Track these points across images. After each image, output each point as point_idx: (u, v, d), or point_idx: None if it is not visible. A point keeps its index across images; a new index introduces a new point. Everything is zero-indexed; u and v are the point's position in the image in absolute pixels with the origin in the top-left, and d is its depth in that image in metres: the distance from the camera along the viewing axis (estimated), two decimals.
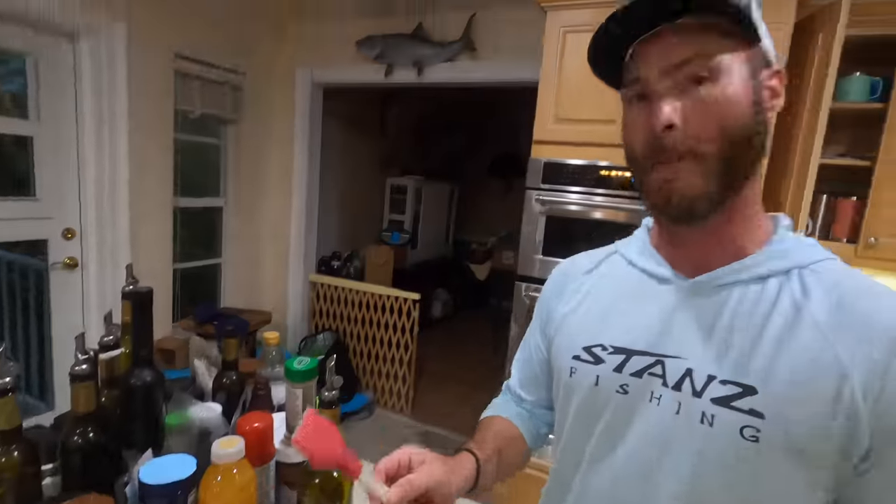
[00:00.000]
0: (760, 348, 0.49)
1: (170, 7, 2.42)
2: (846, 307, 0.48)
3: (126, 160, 2.29)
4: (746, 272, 0.52)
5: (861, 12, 1.53)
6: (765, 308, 0.50)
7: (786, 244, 0.53)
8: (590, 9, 1.70)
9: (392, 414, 3.15)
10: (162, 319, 2.56)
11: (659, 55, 0.50)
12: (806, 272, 0.51)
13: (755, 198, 0.54)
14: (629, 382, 0.56)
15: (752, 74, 0.50)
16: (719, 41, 0.49)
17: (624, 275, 0.63)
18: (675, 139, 0.49)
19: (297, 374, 0.77)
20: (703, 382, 0.51)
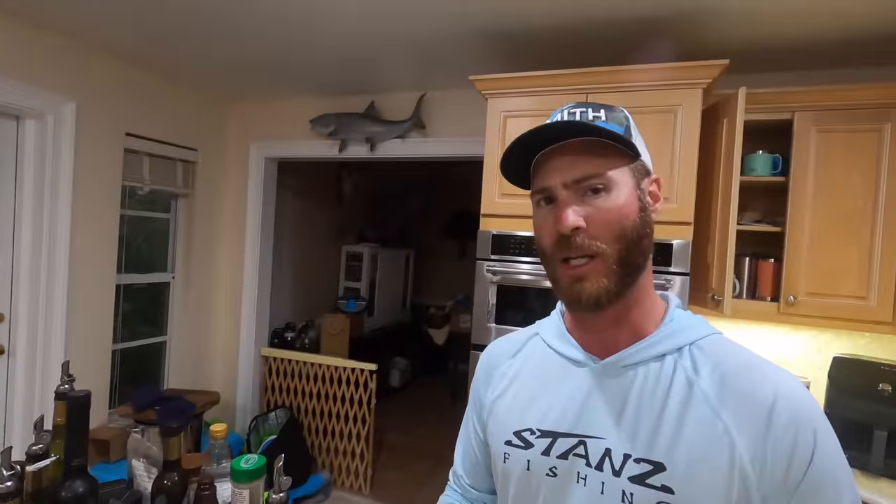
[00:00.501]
0: (664, 426, 0.55)
1: (121, 88, 2.46)
2: (728, 384, 0.55)
3: (67, 239, 2.22)
4: (646, 352, 0.59)
5: (754, 101, 1.76)
6: (664, 385, 0.57)
7: (676, 323, 0.61)
8: (526, 97, 1.87)
9: (350, 495, 2.97)
10: (97, 406, 2.38)
11: (560, 170, 0.58)
12: (695, 348, 0.59)
13: (648, 285, 0.62)
14: (557, 465, 0.60)
15: (637, 184, 0.60)
16: (610, 158, 0.58)
17: (544, 358, 0.68)
18: (581, 240, 0.56)
19: (244, 473, 0.74)
20: (620, 462, 0.56)
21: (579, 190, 0.57)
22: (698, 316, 0.63)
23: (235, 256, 3.18)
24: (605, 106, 0.61)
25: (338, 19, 1.89)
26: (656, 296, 0.64)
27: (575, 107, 0.61)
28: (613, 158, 0.58)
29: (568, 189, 0.58)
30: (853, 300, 1.72)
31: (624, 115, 0.62)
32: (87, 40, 2.23)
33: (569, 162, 0.58)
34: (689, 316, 0.63)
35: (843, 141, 1.74)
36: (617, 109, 0.62)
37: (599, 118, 0.59)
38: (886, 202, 1.69)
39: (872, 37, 1.76)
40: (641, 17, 1.73)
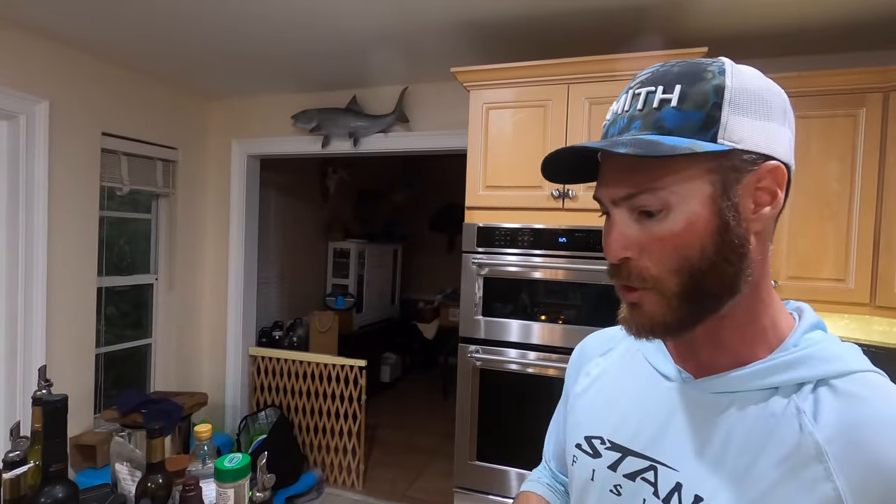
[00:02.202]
0: (753, 476, 0.44)
1: (96, 86, 2.40)
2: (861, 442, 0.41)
3: (44, 241, 2.17)
4: (750, 382, 0.47)
5: None
6: (766, 428, 0.45)
7: (802, 350, 0.47)
8: (508, 88, 1.87)
9: (343, 492, 2.97)
10: (82, 411, 2.35)
11: (609, 181, 0.48)
12: (824, 388, 0.45)
13: (753, 307, 0.49)
14: (622, 484, 0.53)
15: (722, 192, 0.45)
16: (674, 166, 0.44)
17: (634, 362, 0.60)
18: (631, 269, 0.47)
19: (228, 473, 0.74)
20: (690, 502, 0.47)
21: (631, 209, 0.47)
22: (848, 345, 0.48)
23: (220, 256, 3.14)
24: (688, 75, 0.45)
25: (318, 14, 1.87)
26: (780, 313, 0.50)
27: (643, 84, 0.47)
28: (680, 165, 0.44)
29: (618, 206, 0.48)
30: (832, 283, 1.76)
31: (714, 86, 0.44)
32: (58, 38, 2.18)
33: (619, 171, 0.47)
34: (827, 343, 0.47)
35: (820, 126, 1.77)
36: (703, 80, 0.44)
37: (668, 102, 0.45)
38: (863, 186, 1.72)
39: (849, 23, 1.78)
40: (621, 5, 1.73)
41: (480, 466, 1.92)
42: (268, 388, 3.12)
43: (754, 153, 0.45)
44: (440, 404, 4.42)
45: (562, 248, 1.80)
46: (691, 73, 0.45)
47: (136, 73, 2.60)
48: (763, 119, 0.45)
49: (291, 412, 3.08)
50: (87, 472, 2.21)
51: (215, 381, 3.16)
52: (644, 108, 0.46)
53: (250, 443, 2.81)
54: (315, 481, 2.88)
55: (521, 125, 1.85)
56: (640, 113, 0.46)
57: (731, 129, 0.44)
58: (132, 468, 0.98)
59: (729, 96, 0.44)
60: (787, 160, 0.46)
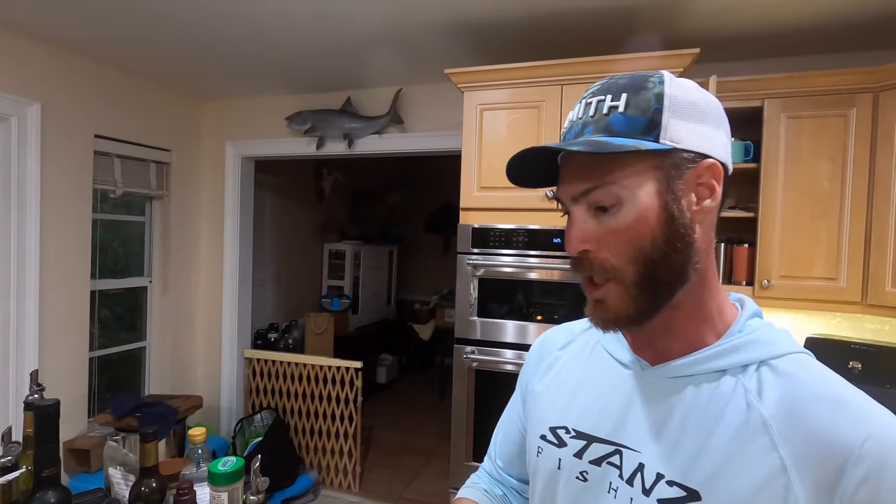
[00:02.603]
0: (707, 451, 0.48)
1: (88, 88, 2.39)
2: (799, 414, 0.46)
3: (37, 244, 2.16)
4: (700, 365, 0.51)
5: (725, 89, 1.79)
6: (717, 406, 0.49)
7: (746, 335, 0.52)
8: (502, 89, 1.87)
9: (339, 494, 2.96)
10: (76, 415, 2.33)
11: (567, 180, 0.53)
12: (765, 368, 0.50)
13: (701, 295, 0.53)
14: (589, 470, 0.56)
15: (666, 187, 0.49)
16: (623, 164, 0.49)
17: (594, 354, 0.63)
18: (592, 261, 0.51)
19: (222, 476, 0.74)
20: (652, 480, 0.51)
21: (588, 204, 0.51)
22: (782, 329, 0.53)
23: (214, 258, 3.13)
24: (632, 85, 0.50)
25: (312, 16, 1.87)
26: (725, 302, 0.55)
27: (594, 94, 0.52)
28: (631, 162, 0.49)
29: (577, 203, 0.52)
30: (824, 281, 1.77)
31: (654, 94, 0.49)
32: (50, 40, 2.16)
33: (575, 171, 0.52)
34: (766, 328, 0.53)
35: (812, 126, 1.78)
36: (646, 88, 0.50)
37: (616, 109, 0.50)
38: (853, 185, 1.74)
39: (839, 24, 1.80)
40: (615, 7, 1.74)
41: (476, 467, 1.92)
42: (263, 390, 3.11)
43: (693, 152, 0.50)
44: (436, 405, 4.42)
45: (556, 248, 1.81)
46: (635, 83, 0.51)
47: (129, 75, 2.59)
48: (699, 123, 0.50)
49: (287, 414, 3.07)
50: (81, 476, 2.20)
51: (210, 383, 3.15)
52: (595, 114, 0.51)
53: (246, 445, 2.80)
54: (311, 483, 2.87)
55: (516, 126, 1.86)
56: (592, 119, 0.51)
57: (672, 130, 0.49)
58: (126, 472, 0.98)
59: (668, 103, 0.49)
60: (723, 159, 0.51)
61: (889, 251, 1.66)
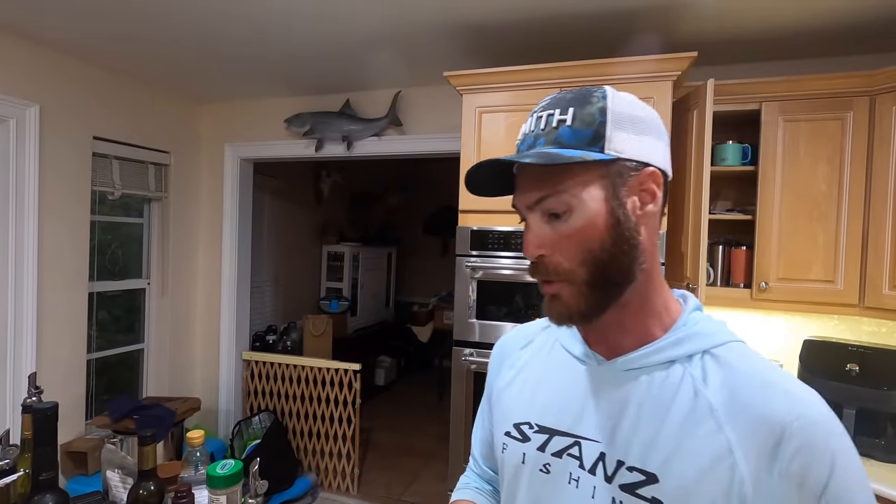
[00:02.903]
0: (662, 436, 0.52)
1: (87, 90, 2.39)
2: (739, 398, 0.50)
3: (35, 246, 2.16)
4: (651, 358, 0.56)
5: (723, 92, 1.80)
6: (668, 394, 0.54)
7: (690, 328, 0.56)
8: (500, 92, 1.88)
9: (338, 496, 2.96)
10: (73, 418, 2.33)
11: (523, 189, 0.57)
12: (708, 357, 0.54)
13: (647, 293, 0.57)
14: (551, 462, 0.59)
15: (613, 194, 0.53)
16: (571, 173, 0.53)
17: (552, 351, 0.67)
18: (547, 264, 0.55)
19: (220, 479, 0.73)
20: (613, 468, 0.54)
21: (541, 212, 0.55)
22: (719, 321, 0.58)
23: (213, 260, 3.12)
24: (578, 100, 0.55)
25: (311, 18, 1.87)
26: (670, 298, 0.60)
27: (544, 108, 0.56)
28: (576, 172, 0.53)
29: (532, 211, 0.56)
30: (821, 284, 1.78)
31: (598, 108, 0.54)
32: (48, 43, 2.16)
33: (529, 181, 0.56)
34: (705, 321, 0.58)
35: (809, 129, 1.79)
36: (590, 103, 0.54)
37: (565, 122, 0.54)
38: (850, 188, 1.74)
39: (837, 27, 1.80)
40: (614, 9, 1.74)
41: None
42: (261, 392, 3.10)
43: (635, 161, 0.54)
44: (435, 407, 4.41)
45: None
46: (581, 98, 0.55)
47: (128, 77, 2.59)
48: (640, 134, 0.55)
49: (285, 416, 3.06)
50: (78, 479, 2.19)
51: (208, 385, 3.14)
52: (546, 127, 0.55)
53: (244, 448, 2.80)
54: (310, 486, 2.87)
55: (514, 129, 1.86)
56: (543, 132, 0.55)
57: (615, 141, 0.53)
58: (124, 475, 0.98)
59: (611, 116, 0.54)
60: (663, 167, 0.56)
61: (886, 254, 1.66)
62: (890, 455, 1.51)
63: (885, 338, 1.91)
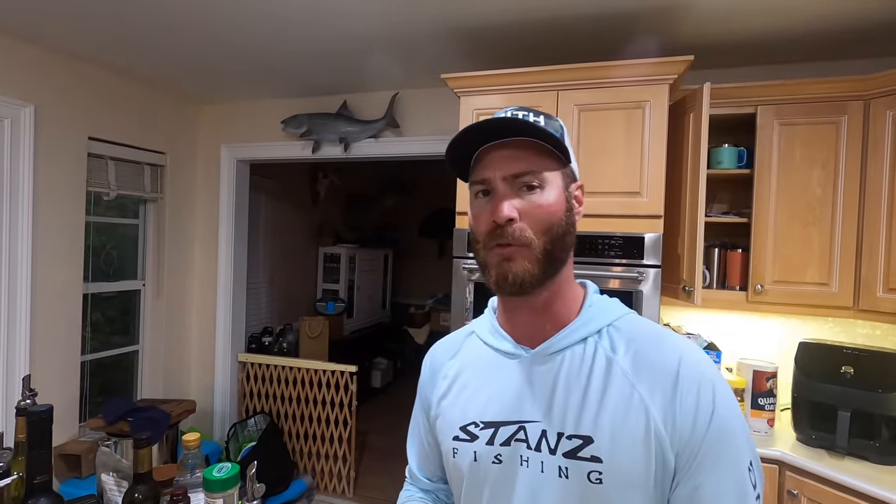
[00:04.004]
0: (588, 402, 0.61)
1: (82, 91, 2.38)
2: (641, 357, 0.62)
3: (28, 248, 2.14)
4: (569, 338, 0.65)
5: (719, 95, 1.81)
6: (587, 366, 0.63)
7: (594, 308, 0.67)
8: (498, 94, 1.88)
9: (333, 499, 2.95)
10: (67, 420, 2.31)
11: (501, 164, 0.63)
12: (612, 329, 0.65)
13: (569, 277, 0.68)
14: (501, 452, 0.64)
15: (566, 187, 0.65)
16: (545, 160, 0.63)
17: (481, 354, 0.72)
18: (513, 230, 0.61)
19: (217, 483, 0.73)
20: (555, 441, 0.61)
21: (516, 185, 0.62)
22: (613, 299, 0.69)
23: (209, 261, 3.11)
24: (545, 114, 0.66)
25: (309, 20, 1.87)
26: (576, 285, 0.70)
27: (518, 109, 0.65)
28: (548, 160, 0.63)
29: (506, 183, 0.62)
30: (816, 287, 1.79)
31: (560, 124, 0.67)
32: (43, 43, 2.15)
33: (509, 157, 0.63)
34: (605, 300, 0.69)
35: (804, 133, 1.80)
36: (554, 119, 0.67)
37: (539, 123, 0.63)
38: (845, 191, 1.75)
39: (833, 32, 1.82)
40: (612, 13, 1.75)
41: None
42: (257, 394, 3.09)
43: (574, 172, 0.68)
44: None
45: None
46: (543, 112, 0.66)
47: (124, 78, 2.58)
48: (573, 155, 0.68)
49: (281, 419, 3.05)
50: (72, 482, 2.17)
51: (204, 387, 3.12)
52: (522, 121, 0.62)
53: (239, 450, 2.78)
54: (305, 488, 2.86)
55: None
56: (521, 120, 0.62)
57: (569, 151, 0.65)
58: (119, 478, 0.97)
59: (566, 133, 0.67)
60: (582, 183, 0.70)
61: (880, 257, 1.67)
62: (884, 457, 1.51)
63: (879, 340, 1.92)
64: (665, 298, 1.88)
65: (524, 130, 0.62)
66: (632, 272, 1.69)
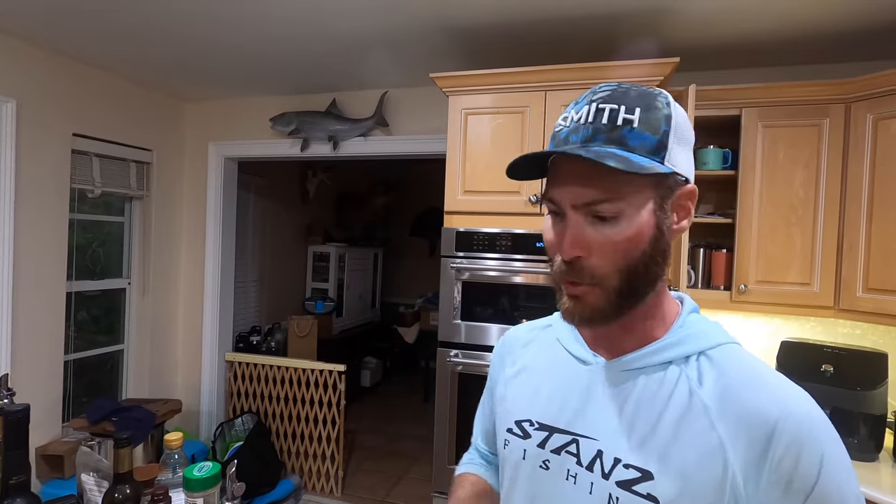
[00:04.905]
0: (657, 434, 0.53)
1: (66, 86, 2.35)
2: (730, 396, 0.52)
3: (10, 245, 2.11)
4: (650, 358, 0.57)
5: (704, 97, 1.83)
6: (665, 393, 0.55)
7: (686, 330, 0.58)
8: (486, 94, 1.89)
9: (321, 498, 2.93)
10: (49, 420, 2.27)
11: (571, 185, 0.53)
12: (703, 358, 0.56)
13: (659, 298, 0.59)
14: (550, 459, 0.60)
15: (660, 205, 0.54)
16: (627, 182, 0.51)
17: (553, 351, 0.67)
18: (580, 266, 0.54)
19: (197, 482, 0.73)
20: (610, 465, 0.55)
21: (588, 213, 0.53)
22: (715, 323, 0.60)
23: (196, 260, 3.08)
24: (644, 99, 0.53)
25: (298, 18, 1.86)
26: (670, 300, 0.61)
27: (606, 100, 0.53)
28: (634, 180, 0.51)
29: (577, 210, 0.53)
30: (798, 287, 1.81)
31: (664, 115, 0.52)
32: (25, 37, 2.12)
33: (581, 178, 0.52)
34: (702, 322, 0.59)
35: (787, 135, 1.83)
36: (656, 108, 0.52)
37: (631, 123, 0.51)
38: (826, 193, 1.78)
39: (816, 36, 1.84)
40: (598, 14, 1.76)
41: None
42: (245, 394, 3.07)
43: (683, 177, 0.55)
44: (421, 409, 4.40)
45: (540, 252, 1.82)
46: (646, 100, 0.53)
47: (109, 74, 2.55)
48: (687, 148, 0.56)
49: (269, 418, 3.03)
50: (54, 482, 2.15)
51: (190, 387, 3.10)
52: (608, 123, 0.52)
53: (226, 450, 2.76)
54: (293, 488, 2.84)
55: (500, 131, 1.87)
56: (605, 127, 0.52)
57: (673, 154, 0.53)
58: (99, 479, 0.96)
59: (674, 126, 0.53)
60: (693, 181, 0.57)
61: (860, 257, 1.70)
62: (863, 453, 1.54)
63: (859, 339, 1.95)
64: None
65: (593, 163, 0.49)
66: None
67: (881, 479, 1.43)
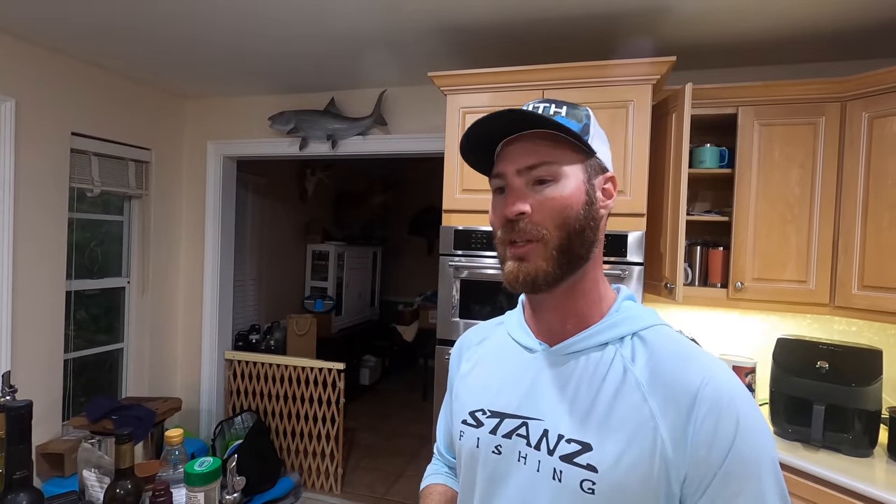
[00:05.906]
0: (596, 409, 0.58)
1: (65, 85, 2.35)
2: (660, 371, 0.58)
3: (9, 244, 2.11)
4: (588, 341, 0.62)
5: (701, 96, 1.84)
6: (602, 372, 0.60)
7: (621, 314, 0.64)
8: (484, 93, 1.89)
9: (321, 496, 2.95)
10: (49, 418, 2.28)
11: (514, 158, 0.62)
12: (636, 339, 0.62)
13: (597, 277, 0.65)
14: (502, 443, 0.64)
15: (588, 179, 0.62)
16: (564, 152, 0.61)
17: (504, 345, 0.72)
18: (524, 225, 0.60)
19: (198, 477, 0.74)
20: (555, 442, 0.59)
21: (530, 179, 0.61)
22: (649, 308, 0.66)
23: (195, 258, 3.09)
24: (569, 104, 0.64)
25: (296, 16, 1.86)
26: (607, 288, 0.67)
27: (539, 102, 0.64)
28: (567, 153, 0.61)
29: (520, 176, 0.61)
30: (794, 284, 1.83)
31: (585, 113, 0.64)
32: (23, 35, 2.12)
33: (523, 150, 0.61)
34: (636, 307, 0.65)
35: (783, 134, 1.84)
36: (580, 108, 0.64)
37: (560, 114, 0.62)
38: (822, 191, 1.79)
39: (812, 36, 1.85)
40: (596, 14, 1.77)
41: None
42: (244, 392, 3.08)
43: (602, 163, 0.64)
44: (420, 407, 4.42)
45: None
46: (571, 106, 0.64)
47: (108, 73, 2.55)
48: (605, 146, 0.66)
49: (268, 416, 3.05)
50: (54, 480, 2.15)
51: (190, 385, 3.11)
52: (543, 113, 0.62)
53: (226, 448, 2.77)
54: (292, 486, 2.85)
55: None
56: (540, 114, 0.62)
57: (594, 141, 0.63)
58: (100, 475, 0.97)
59: (593, 123, 0.64)
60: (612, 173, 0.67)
61: (855, 255, 1.72)
62: (857, 449, 1.55)
63: (854, 336, 1.97)
64: (647, 295, 1.91)
65: (538, 123, 0.60)
66: (615, 269, 1.72)
67: (875, 475, 1.44)
